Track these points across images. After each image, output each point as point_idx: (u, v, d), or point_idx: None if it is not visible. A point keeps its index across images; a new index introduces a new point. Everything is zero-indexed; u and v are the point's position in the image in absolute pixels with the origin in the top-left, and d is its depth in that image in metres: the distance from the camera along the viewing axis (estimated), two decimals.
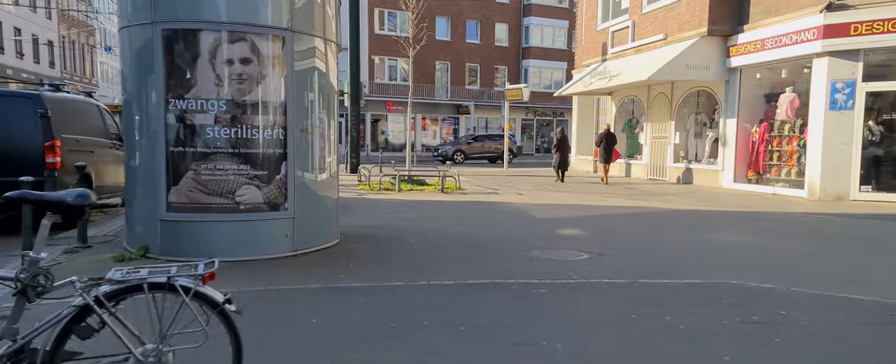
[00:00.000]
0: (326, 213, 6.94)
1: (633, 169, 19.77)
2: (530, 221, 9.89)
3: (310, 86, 6.51)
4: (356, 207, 11.16)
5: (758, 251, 7.33)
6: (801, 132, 13.35)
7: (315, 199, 6.63)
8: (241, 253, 5.89)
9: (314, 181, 6.63)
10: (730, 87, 15.25)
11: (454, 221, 9.70)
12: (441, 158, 31.26)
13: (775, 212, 11.04)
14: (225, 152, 5.78)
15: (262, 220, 6.02)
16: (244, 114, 5.84)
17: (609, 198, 13.44)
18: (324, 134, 6.81)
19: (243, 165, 5.86)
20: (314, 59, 6.52)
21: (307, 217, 6.40)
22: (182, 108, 5.69)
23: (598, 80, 19.20)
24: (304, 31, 6.29)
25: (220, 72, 5.73)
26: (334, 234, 7.13)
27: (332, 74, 7.04)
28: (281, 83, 6.06)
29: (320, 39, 6.62)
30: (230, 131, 5.78)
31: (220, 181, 5.78)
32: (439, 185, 14.54)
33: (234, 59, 5.78)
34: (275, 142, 6.04)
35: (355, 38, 18.93)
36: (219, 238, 5.85)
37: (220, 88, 5.74)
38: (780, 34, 13.23)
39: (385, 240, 7.67)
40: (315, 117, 6.54)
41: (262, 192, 5.98)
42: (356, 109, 19.71)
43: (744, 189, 14.67)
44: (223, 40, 5.73)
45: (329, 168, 6.99)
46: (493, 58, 43.84)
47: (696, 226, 9.43)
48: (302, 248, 6.36)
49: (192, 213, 5.77)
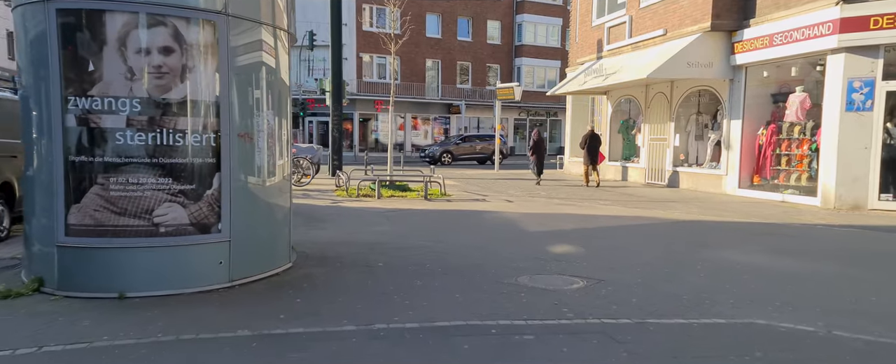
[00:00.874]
0: (274, 233, 5.86)
1: (629, 172, 18.76)
2: (519, 235, 8.84)
3: (254, 82, 5.43)
4: (327, 218, 10.08)
5: (782, 275, 6.30)
6: (813, 135, 12.35)
7: (259, 216, 5.55)
8: (160, 286, 4.81)
9: (258, 195, 5.56)
10: (734, 86, 14.24)
11: (433, 236, 8.64)
12: (429, 160, 30.21)
13: (790, 223, 10.03)
14: (140, 162, 4.70)
15: (188, 246, 4.93)
16: (165, 115, 4.76)
17: (606, 205, 12.41)
18: (273, 137, 5.75)
19: (164, 178, 4.78)
20: (259, 50, 5.45)
21: (248, 239, 5.33)
22: (85, 107, 4.59)
23: (593, 78, 18.18)
24: (245, 17, 5.21)
25: (133, 63, 4.64)
26: (285, 256, 6.05)
27: (283, 69, 5.96)
28: (213, 78, 4.98)
29: (267, 28, 5.55)
30: (147, 136, 4.70)
31: (134, 198, 4.70)
32: (423, 190, 13.49)
33: (152, 47, 4.69)
34: (205, 149, 4.96)
35: (337, 34, 17.86)
36: (132, 269, 4.77)
37: (135, 84, 4.65)
38: (791, 29, 12.22)
39: (348, 262, 6.59)
40: (261, 119, 5.47)
41: (187, 211, 4.89)
42: (338, 109, 18.64)
43: (750, 196, 13.67)
44: (137, 24, 4.64)
45: (279, 178, 5.92)
46: (484, 56, 42.78)
47: (705, 241, 8.40)
48: (241, 277, 5.28)
49: (98, 238, 4.68)
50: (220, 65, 5.00)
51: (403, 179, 14.97)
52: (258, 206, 5.56)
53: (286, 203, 6.12)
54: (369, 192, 13.57)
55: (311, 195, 13.53)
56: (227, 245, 5.12)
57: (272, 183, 5.79)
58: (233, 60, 5.11)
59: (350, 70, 37.64)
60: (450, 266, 6.50)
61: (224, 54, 5.01)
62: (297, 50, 37.62)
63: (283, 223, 6.04)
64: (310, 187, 15.14)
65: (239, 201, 5.19)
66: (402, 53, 39.26)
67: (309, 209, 11.09)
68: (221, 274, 5.13)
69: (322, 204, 12.01)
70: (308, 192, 14.06)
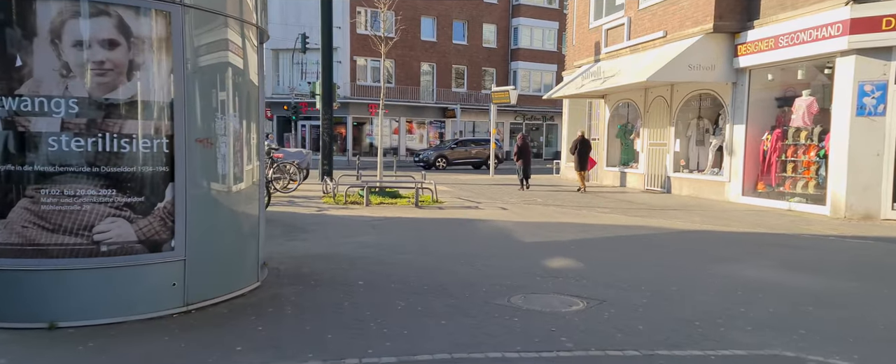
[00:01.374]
0: (239, 248, 5.26)
1: (628, 178, 18.22)
2: (514, 247, 8.26)
3: (216, 81, 4.86)
4: (308, 228, 9.49)
5: (800, 294, 5.73)
6: (821, 141, 11.82)
7: (221, 230, 4.96)
8: (100, 314, 4.21)
9: (220, 207, 4.97)
10: (737, 90, 13.71)
11: (421, 247, 8.06)
12: (423, 164, 29.66)
13: (799, 234, 9.48)
14: (78, 171, 4.11)
15: (134, 267, 4.33)
16: (108, 118, 4.17)
17: (605, 213, 11.85)
18: (240, 141, 5.17)
19: (106, 189, 4.19)
20: (223, 46, 4.87)
21: (207, 257, 4.74)
22: (12, 108, 4.00)
23: (590, 81, 17.64)
24: (205, 8, 4.64)
25: (70, 58, 4.06)
26: (252, 274, 5.45)
27: (252, 68, 5.39)
28: (167, 77, 4.40)
29: (234, 22, 4.98)
30: (86, 142, 4.11)
31: (70, 212, 4.11)
32: (414, 197, 12.91)
33: (93, 40, 4.11)
34: (157, 156, 4.38)
35: (328, 35, 17.27)
36: (66, 294, 4.17)
37: (72, 82, 4.07)
38: (798, 30, 11.70)
39: (325, 279, 6.01)
40: (224, 123, 4.88)
41: (135, 227, 4.30)
42: (329, 112, 18.02)
43: (754, 203, 13.12)
44: (74, 13, 4.06)
45: (246, 187, 5.34)
46: (480, 60, 42.26)
47: (714, 254, 7.83)
48: (199, 300, 4.68)
49: (26, 259, 4.08)
50: (175, 61, 4.42)
51: (394, 185, 14.39)
52: (220, 218, 4.97)
53: (255, 214, 5.53)
54: (358, 199, 12.99)
55: (296, 202, 12.94)
56: (181, 264, 4.53)
57: (238, 192, 5.20)
58: (191, 57, 4.53)
59: (344, 73, 37.09)
60: (436, 284, 5.92)
61: (180, 50, 4.43)
62: (289, 53, 37.09)
63: (251, 237, 5.45)
64: (296, 194, 14.55)
65: (197, 214, 4.60)
66: (397, 57, 38.74)
67: (291, 218, 10.50)
68: (175, 297, 4.53)
69: (306, 212, 11.42)
70: (294, 199, 13.47)
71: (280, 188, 14.45)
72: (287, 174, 14.96)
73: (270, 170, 14.28)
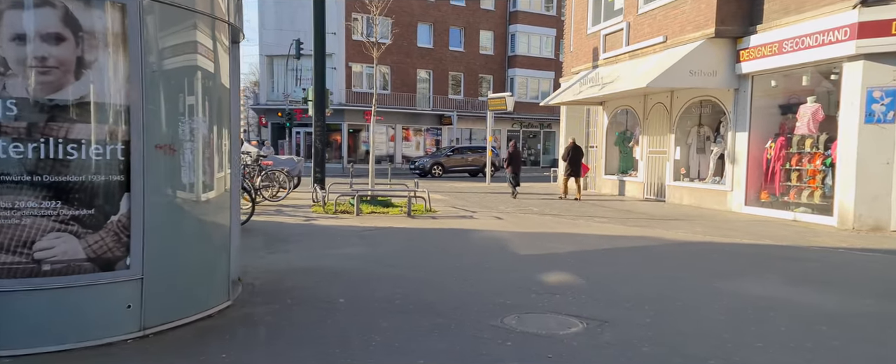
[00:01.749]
0: (207, 264, 4.82)
1: (627, 186, 17.80)
2: (509, 260, 7.82)
3: (180, 82, 4.44)
4: (293, 238, 9.04)
5: (815, 315, 5.30)
6: (827, 149, 11.42)
7: (185, 245, 4.52)
8: (44, 341, 3.77)
9: (184, 218, 4.53)
10: (740, 96, 13.32)
11: (410, 261, 7.61)
12: (419, 172, 29.25)
13: (807, 246, 9.06)
14: (17, 181, 3.67)
15: (83, 287, 3.88)
16: (53, 121, 3.74)
17: (604, 223, 11.43)
18: (211, 147, 4.75)
19: (50, 201, 3.75)
20: (189, 45, 4.46)
21: (168, 275, 4.30)
22: None
23: (588, 87, 17.26)
24: (167, 1, 4.22)
25: (7, 53, 3.63)
26: (222, 292, 5.01)
27: (224, 70, 4.97)
28: (122, 76, 3.98)
29: (202, 18, 4.56)
30: (26, 148, 3.68)
31: (7, 227, 3.67)
32: (406, 206, 12.47)
33: (34, 34, 3.68)
34: (110, 164, 3.94)
35: (320, 40, 16.85)
36: (6, 319, 3.72)
37: (9, 80, 3.64)
38: (802, 35, 11.32)
39: (304, 297, 5.56)
40: (190, 127, 4.46)
41: (83, 243, 3.86)
42: (321, 118, 17.58)
43: (758, 213, 12.71)
44: (14, 3, 3.64)
45: (216, 195, 4.91)
46: (477, 66, 41.92)
47: (720, 269, 7.41)
48: (158, 323, 4.24)
49: None
50: (132, 60, 4.00)
51: (386, 194, 13.96)
52: (184, 231, 4.53)
53: (226, 225, 5.09)
54: (348, 209, 12.55)
55: (284, 211, 12.49)
56: (137, 284, 4.08)
57: (206, 203, 4.77)
58: (150, 54, 4.11)
59: (339, 80, 36.72)
60: (424, 302, 5.48)
61: (137, 46, 4.01)
62: (284, 59, 36.69)
63: (221, 251, 5.00)
64: (285, 202, 14.10)
65: (157, 227, 4.16)
66: (393, 63, 38.41)
67: (276, 228, 10.05)
68: (130, 321, 4.09)
69: (293, 221, 10.98)
70: (282, 208, 13.02)
71: (268, 196, 14.00)
72: (277, 182, 14.52)
73: (259, 178, 13.85)
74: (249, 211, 10.08)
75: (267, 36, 37.61)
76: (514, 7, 42.27)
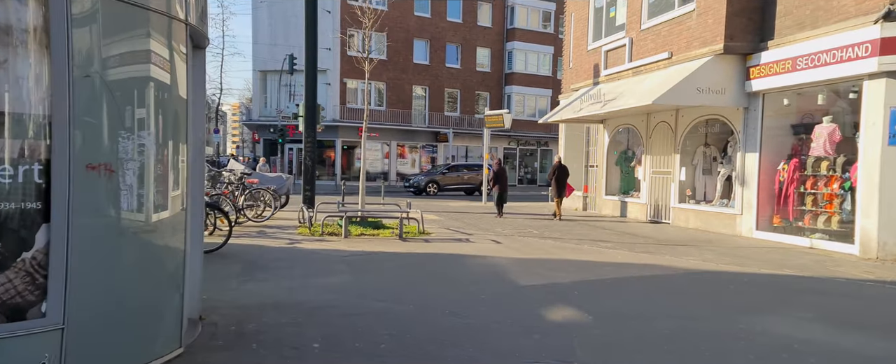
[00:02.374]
0: (152, 305, 4.06)
1: (629, 208, 17.10)
2: (507, 293, 7.08)
3: (123, 92, 3.72)
4: (272, 265, 8.28)
5: (861, 360, 4.59)
6: (845, 172, 10.75)
7: (123, 282, 3.78)
8: None
9: (121, 252, 3.79)
10: (750, 115, 12.68)
11: (400, 293, 6.86)
12: (413, 190, 28.54)
13: (831, 277, 8.34)
14: None
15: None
16: None
17: (608, 248, 10.70)
18: (164, 165, 4.04)
19: None
20: (133, 47, 3.76)
21: (98, 321, 3.55)
22: None
23: (589, 105, 16.62)
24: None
25: None
26: (173, 336, 4.25)
27: (180, 78, 4.26)
28: (44, 82, 3.26)
29: (154, 17, 3.88)
30: None
31: None
32: (398, 227, 11.73)
33: None
34: (23, 188, 3.22)
35: (311, 52, 16.19)
36: None
37: None
38: (819, 51, 10.70)
39: (272, 339, 4.81)
40: (139, 144, 3.75)
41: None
42: (312, 134, 16.87)
43: (771, 239, 12.00)
44: None
45: (167, 219, 4.18)
46: (474, 83, 41.38)
47: (743, 303, 6.67)
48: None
49: None
50: (55, 61, 3.29)
51: (377, 215, 13.21)
52: (122, 266, 3.79)
53: (178, 257, 4.35)
54: (336, 230, 11.80)
55: (267, 233, 11.74)
56: (57, 335, 3.33)
57: (153, 229, 4.04)
58: (82, 56, 3.41)
59: (333, 96, 36.11)
60: (412, 347, 4.74)
61: (63, 46, 3.30)
62: (277, 75, 36.10)
63: (172, 286, 4.25)
64: (270, 222, 13.35)
65: (84, 264, 3.43)
66: (389, 79, 37.84)
67: (255, 252, 9.30)
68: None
69: (275, 245, 10.23)
70: (266, 229, 12.26)
71: (252, 216, 13.24)
72: (262, 202, 13.77)
73: (242, 197, 13.10)
74: (227, 234, 9.32)
75: (260, 51, 37.05)
76: (512, 24, 41.86)
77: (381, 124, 36.46)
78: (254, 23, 37.78)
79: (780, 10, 11.85)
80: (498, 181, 17.04)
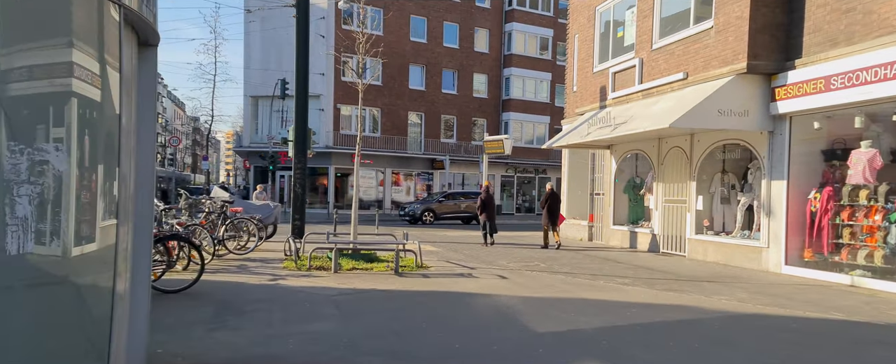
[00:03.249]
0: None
1: (639, 239, 16.02)
2: (522, 342, 5.95)
3: (23, 98, 2.67)
4: (250, 308, 7.13)
5: None
6: (888, 202, 9.75)
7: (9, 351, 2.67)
8: None
9: (11, 305, 2.69)
10: (776, 140, 11.71)
11: (394, 344, 5.73)
12: (409, 219, 27.45)
13: (893, 324, 7.26)
14: None
15: None
16: None
17: (627, 286, 9.60)
18: (91, 193, 2.98)
19: None
20: (36, 38, 2.72)
21: None
22: None
23: (597, 129, 15.65)
24: None
25: None
26: None
27: (112, 84, 3.23)
28: None
29: (84, 10, 2.84)
30: None
31: None
32: (394, 261, 10.61)
33: None
34: None
35: (303, 75, 15.27)
36: None
37: None
38: (856, 69, 9.77)
39: None
40: (38, 164, 2.69)
41: None
42: (302, 161, 15.81)
43: (802, 275, 10.93)
44: None
45: (96, 249, 3.09)
46: (470, 109, 40.53)
47: (803, 358, 5.57)
48: None
49: None
50: None
51: (371, 247, 12.07)
52: (10, 330, 2.68)
53: (104, 310, 3.24)
54: (326, 264, 10.67)
55: (248, 267, 10.59)
56: None
57: (62, 273, 2.94)
58: None
59: (327, 122, 35.17)
60: None
61: None
62: (269, 100, 35.15)
63: (87, 357, 3.13)
64: (254, 255, 12.20)
65: None
66: (384, 105, 36.96)
67: (232, 291, 8.16)
68: None
69: (256, 282, 9.08)
70: (247, 263, 11.11)
71: (234, 248, 12.10)
72: (246, 232, 12.64)
73: (223, 227, 11.97)
74: (198, 270, 8.15)
75: (252, 76, 36.14)
76: (509, 50, 41.22)
77: (375, 151, 35.48)
78: (246, 48, 36.96)
79: (809, 26, 10.96)
80: (485, 209, 16.43)
